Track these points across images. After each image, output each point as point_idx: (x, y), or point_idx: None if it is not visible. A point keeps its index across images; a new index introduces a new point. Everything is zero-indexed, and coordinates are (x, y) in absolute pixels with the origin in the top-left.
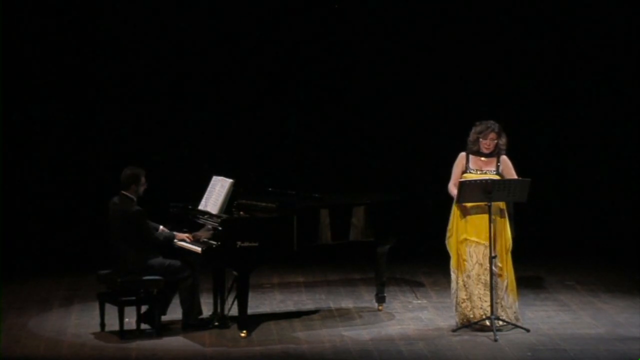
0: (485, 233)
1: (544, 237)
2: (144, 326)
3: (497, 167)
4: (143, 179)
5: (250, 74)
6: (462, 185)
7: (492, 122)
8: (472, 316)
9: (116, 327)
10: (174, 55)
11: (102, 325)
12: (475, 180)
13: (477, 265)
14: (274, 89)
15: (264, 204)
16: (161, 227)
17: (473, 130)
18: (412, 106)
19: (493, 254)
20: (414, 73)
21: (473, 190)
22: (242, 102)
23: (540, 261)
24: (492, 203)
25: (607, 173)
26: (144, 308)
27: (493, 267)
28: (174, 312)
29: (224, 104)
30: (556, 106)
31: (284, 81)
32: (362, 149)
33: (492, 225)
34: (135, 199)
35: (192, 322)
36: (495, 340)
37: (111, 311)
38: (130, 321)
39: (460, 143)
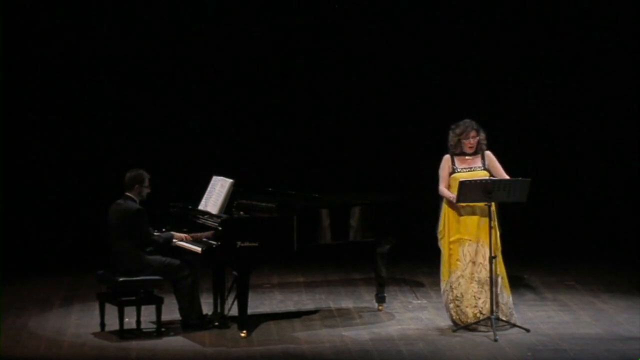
0: (476, 232)
1: (543, 237)
2: (144, 325)
3: (483, 162)
4: (147, 182)
5: (250, 73)
6: (462, 185)
7: (467, 120)
8: (456, 317)
9: (116, 327)
10: (174, 54)
11: (102, 325)
12: (476, 180)
13: (470, 264)
14: (274, 88)
15: (264, 204)
16: (156, 232)
17: (452, 134)
18: (411, 106)
19: (493, 254)
20: (413, 72)
21: (473, 190)
22: (242, 102)
23: (540, 261)
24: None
25: (607, 172)
26: (142, 310)
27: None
28: (174, 312)
29: (224, 104)
30: (556, 105)
31: (283, 81)
32: (361, 148)
33: (492, 225)
34: (137, 200)
35: (192, 322)
36: (495, 340)
37: (111, 311)
38: (130, 321)
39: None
